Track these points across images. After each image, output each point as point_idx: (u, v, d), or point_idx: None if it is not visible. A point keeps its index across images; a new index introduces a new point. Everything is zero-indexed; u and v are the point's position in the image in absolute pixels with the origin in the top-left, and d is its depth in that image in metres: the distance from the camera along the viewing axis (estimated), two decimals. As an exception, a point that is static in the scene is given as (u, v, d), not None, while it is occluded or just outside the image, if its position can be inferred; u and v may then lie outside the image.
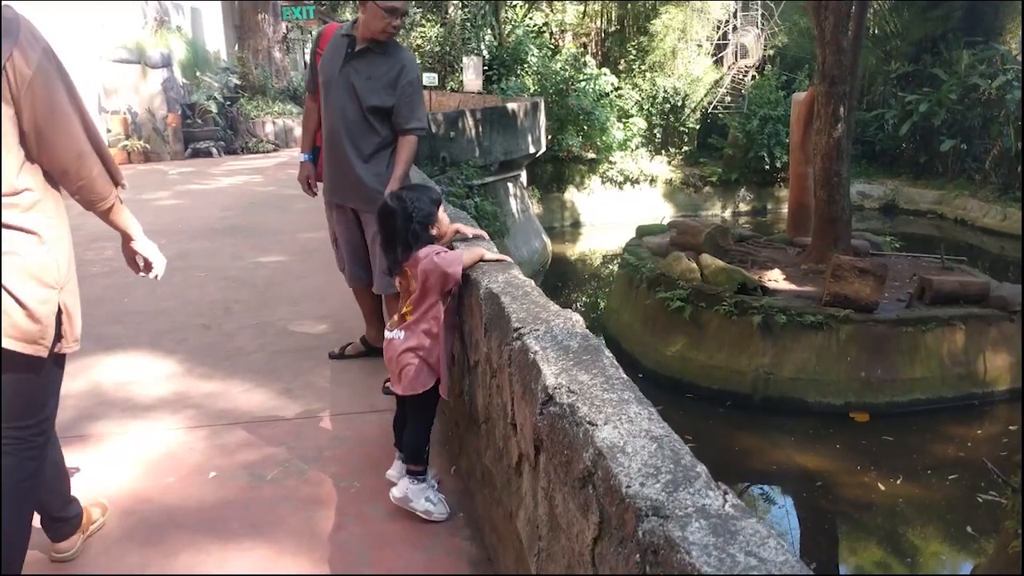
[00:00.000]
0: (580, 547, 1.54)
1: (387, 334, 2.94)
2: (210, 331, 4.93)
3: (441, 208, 3.03)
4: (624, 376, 1.83)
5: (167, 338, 4.80)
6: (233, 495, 3.02)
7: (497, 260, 3.01)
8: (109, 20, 14.37)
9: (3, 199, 2.01)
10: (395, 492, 2.86)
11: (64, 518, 2.54)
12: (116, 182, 2.27)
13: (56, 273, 2.15)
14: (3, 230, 2.00)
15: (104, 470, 3.20)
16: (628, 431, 1.53)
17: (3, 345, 2.02)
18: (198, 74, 16.39)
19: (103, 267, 6.58)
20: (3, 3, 1.97)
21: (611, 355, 1.98)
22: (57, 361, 2.25)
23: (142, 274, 2.65)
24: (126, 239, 2.49)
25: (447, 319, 2.89)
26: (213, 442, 3.44)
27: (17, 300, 2.04)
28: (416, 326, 2.83)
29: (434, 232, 2.97)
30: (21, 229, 2.04)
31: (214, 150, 15.55)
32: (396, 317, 2.95)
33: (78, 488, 3.05)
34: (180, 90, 15.71)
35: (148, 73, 14.95)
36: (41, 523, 2.51)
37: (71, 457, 3.29)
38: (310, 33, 24.82)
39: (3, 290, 2.00)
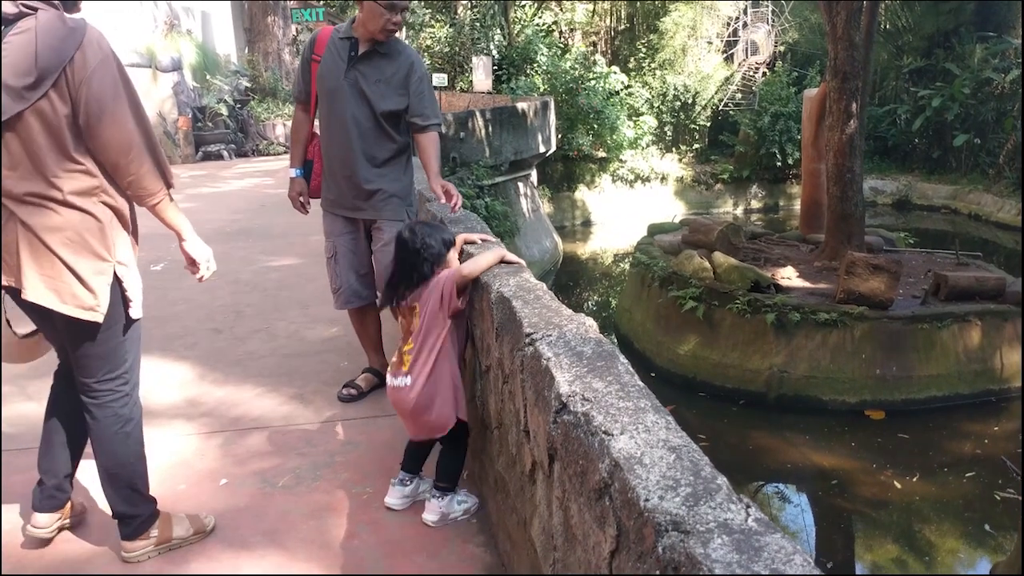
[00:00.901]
0: (597, 560, 1.51)
1: (391, 380, 2.88)
2: (221, 335, 4.92)
3: (452, 251, 2.99)
4: (640, 383, 1.79)
5: (178, 343, 4.79)
6: (244, 502, 3.00)
7: (513, 263, 2.98)
8: (120, 24, 14.41)
9: (56, 183, 2.29)
10: (430, 518, 2.83)
11: (126, 515, 2.61)
12: (167, 182, 2.49)
13: (111, 250, 2.42)
14: (67, 210, 2.32)
15: (116, 477, 3.18)
16: (645, 441, 1.50)
17: (65, 312, 2.36)
18: (208, 77, 16.43)
19: (114, 272, 6.59)
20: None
21: (626, 361, 1.94)
22: (129, 323, 2.54)
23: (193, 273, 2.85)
24: (179, 239, 2.72)
25: (452, 345, 2.86)
26: (224, 448, 3.42)
27: (74, 272, 2.34)
28: (423, 366, 2.77)
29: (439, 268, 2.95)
30: (81, 210, 2.33)
31: (225, 153, 15.60)
32: (396, 359, 2.89)
33: (87, 494, 3.04)
34: (191, 93, 15.77)
35: (159, 77, 15.01)
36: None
37: (81, 464, 3.28)
38: (319, 35, 24.86)
39: (63, 264, 2.33)
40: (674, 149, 20.09)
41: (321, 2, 20.05)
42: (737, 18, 20.57)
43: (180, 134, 15.24)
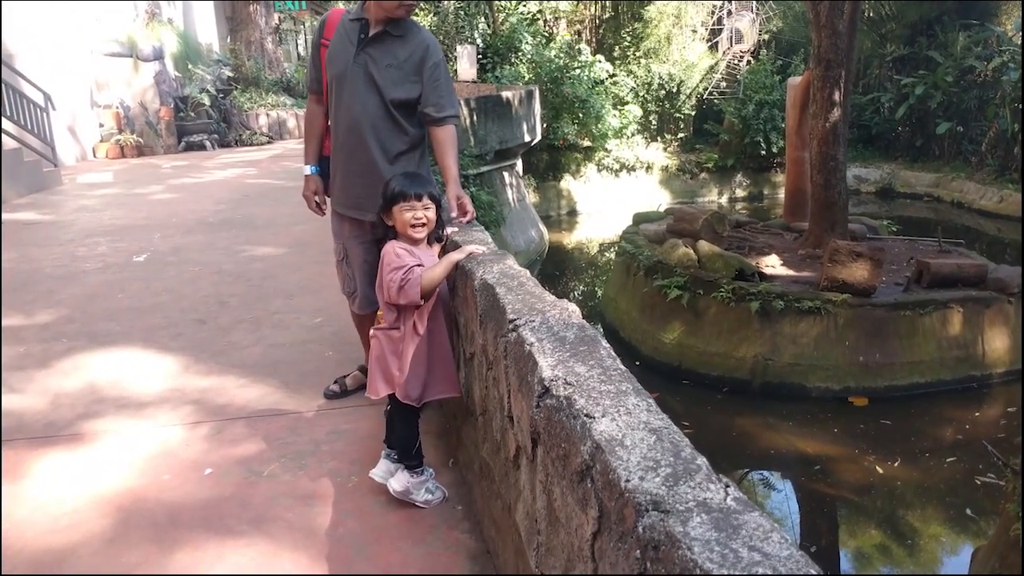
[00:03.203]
0: (579, 542, 1.52)
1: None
2: (205, 326, 4.90)
3: (409, 208, 2.86)
4: (622, 367, 1.80)
5: (161, 334, 4.77)
6: (230, 491, 2.99)
7: (448, 265, 2.86)
8: (101, 14, 14.28)
9: None
10: (395, 485, 2.85)
11: None
12: None
13: None
14: None
15: (99, 468, 3.18)
16: (626, 423, 1.51)
17: None
18: (190, 67, 16.29)
19: (96, 263, 6.55)
20: None
21: (608, 346, 1.95)
22: None
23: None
24: None
25: (426, 323, 2.84)
26: (209, 438, 3.42)
27: None
28: (381, 332, 2.88)
29: (389, 222, 2.93)
30: None
31: (208, 143, 15.48)
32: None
33: (74, 486, 3.03)
34: (173, 83, 15.63)
35: (140, 66, 14.87)
36: None
37: (66, 456, 3.28)
38: (303, 24, 24.71)
39: None
40: (659, 138, 20.10)
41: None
42: (721, 6, 20.58)
43: (162, 124, 15.11)
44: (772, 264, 8.86)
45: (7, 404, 3.80)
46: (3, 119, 10.47)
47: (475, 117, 11.68)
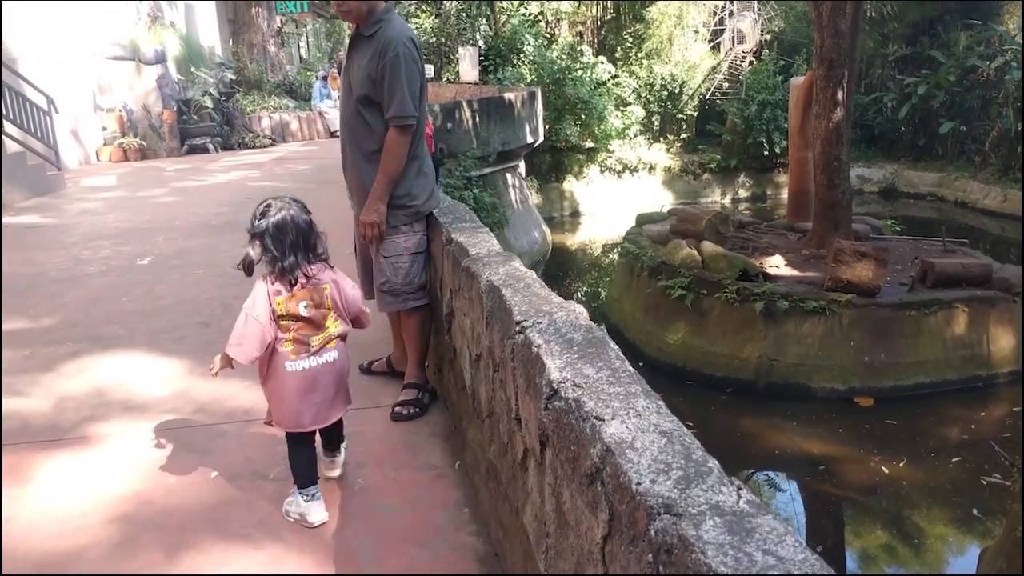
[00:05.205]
0: (589, 545, 1.51)
1: (318, 359, 2.77)
2: (209, 329, 4.89)
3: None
4: (631, 369, 1.79)
5: (165, 337, 4.76)
6: (236, 495, 2.99)
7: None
8: (102, 17, 14.29)
9: None
10: (338, 472, 3.07)
11: None
12: None
13: None
14: None
15: (105, 471, 3.17)
16: (636, 426, 1.50)
17: None
18: (193, 70, 16.32)
19: (100, 266, 6.55)
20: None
21: (616, 347, 1.94)
22: None
23: None
24: None
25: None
26: (214, 441, 3.41)
27: None
28: (341, 339, 2.87)
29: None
30: None
31: (210, 146, 15.49)
32: (319, 338, 2.77)
33: (79, 490, 3.03)
34: (175, 86, 15.65)
35: (143, 70, 14.89)
36: None
37: (71, 459, 3.27)
38: (305, 26, 24.74)
39: None
40: (662, 139, 20.09)
41: (306, -7, 19.92)
42: (723, 7, 20.57)
43: (165, 127, 15.12)
44: (776, 264, 8.85)
45: (12, 407, 3.79)
46: (4, 122, 10.48)
47: (477, 119, 11.68)
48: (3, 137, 9.37)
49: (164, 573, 2.54)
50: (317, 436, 2.92)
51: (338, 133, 3.66)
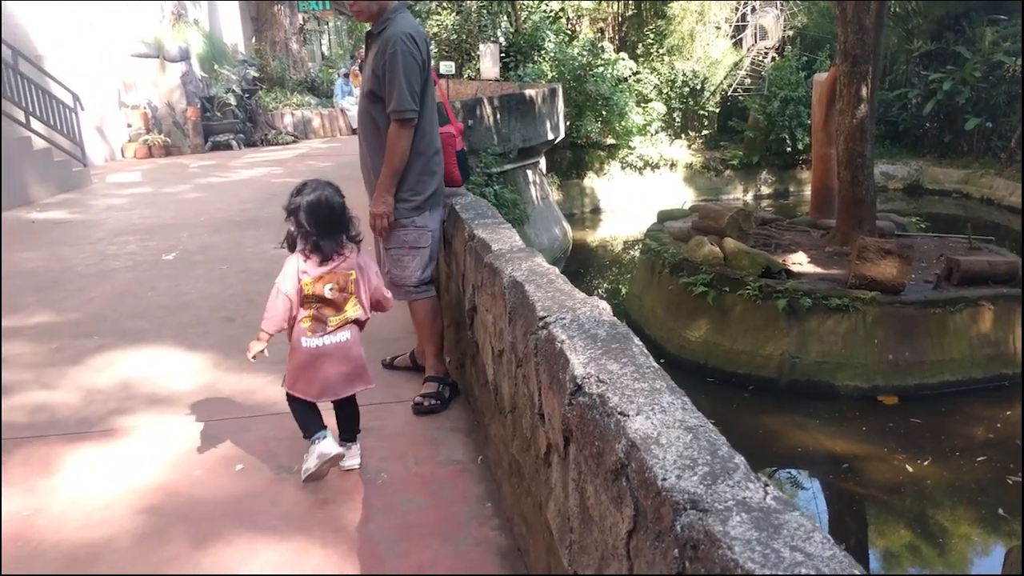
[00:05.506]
0: (614, 540, 1.51)
1: (332, 339, 2.96)
2: (233, 323, 4.93)
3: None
4: (655, 365, 1.79)
5: (190, 331, 4.81)
6: (260, 487, 3.01)
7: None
8: (127, 14, 14.42)
9: None
10: (356, 463, 3.09)
11: None
12: None
13: None
14: None
15: (131, 464, 3.21)
16: (661, 421, 1.50)
17: None
18: (216, 67, 16.42)
19: (126, 261, 6.62)
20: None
21: (640, 343, 1.94)
22: None
23: None
24: None
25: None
26: (239, 434, 3.44)
27: None
28: (356, 323, 3.02)
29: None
30: None
31: (234, 143, 15.60)
32: (336, 320, 2.96)
33: (107, 481, 3.07)
34: (199, 83, 15.76)
35: (167, 67, 15.01)
36: None
37: (99, 451, 3.32)
38: (327, 24, 24.83)
39: None
40: (683, 135, 20.01)
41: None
42: (746, 2, 20.44)
43: (189, 124, 15.24)
44: (799, 261, 8.80)
45: (41, 400, 3.85)
46: (32, 120, 10.60)
47: (498, 115, 11.68)
48: (2, 131, 9.45)
49: (190, 569, 2.56)
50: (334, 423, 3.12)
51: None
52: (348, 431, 3.13)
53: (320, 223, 2.90)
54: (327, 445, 2.93)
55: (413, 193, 3.63)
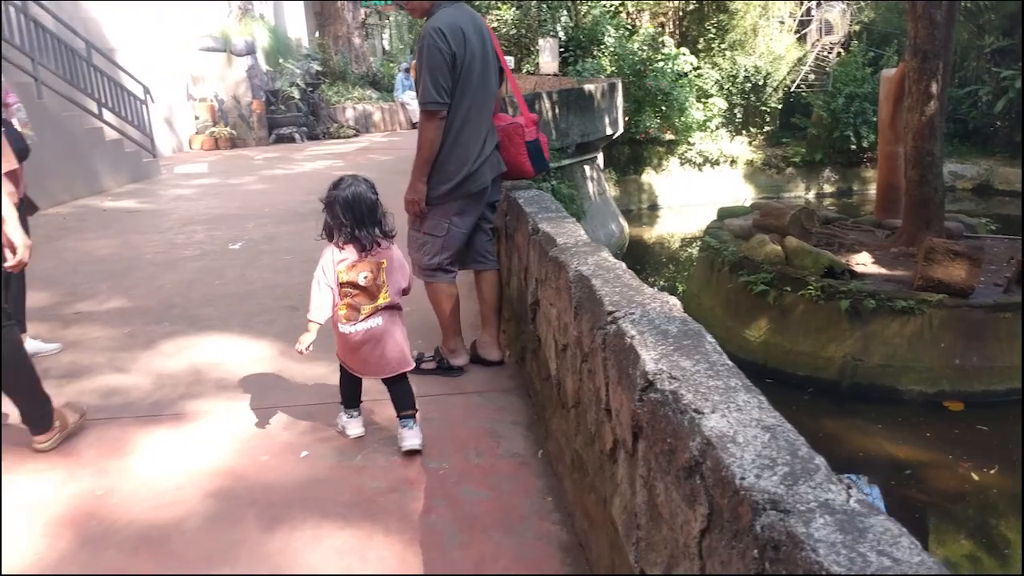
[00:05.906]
0: (685, 538, 1.50)
1: (365, 325, 3.13)
2: (298, 312, 5.00)
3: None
4: (729, 362, 1.78)
5: (257, 320, 4.91)
6: (324, 474, 3.07)
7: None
8: (196, 10, 14.75)
9: None
10: (416, 444, 3.17)
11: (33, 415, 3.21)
12: None
13: None
14: None
15: (200, 447, 3.29)
16: (737, 420, 1.48)
17: None
18: (280, 61, 16.71)
19: (194, 250, 6.78)
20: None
21: (713, 340, 1.92)
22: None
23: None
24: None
25: None
26: (303, 422, 3.50)
27: None
28: (388, 309, 3.18)
29: None
30: None
31: (297, 135, 15.86)
32: (370, 307, 3.13)
33: (176, 464, 3.16)
34: (264, 77, 16.05)
35: (233, 61, 15.32)
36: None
37: (169, 434, 3.41)
38: (388, 18, 25.05)
39: None
40: (744, 132, 19.72)
41: (390, -15, 20.19)
42: (811, -3, 20.07)
43: (254, 117, 15.55)
44: (863, 262, 8.61)
45: (114, 383, 3.97)
46: (103, 110, 10.92)
47: (557, 110, 11.65)
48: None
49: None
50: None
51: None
52: (402, 407, 3.24)
53: (355, 216, 3.06)
54: (353, 428, 3.35)
55: (437, 182, 3.75)
